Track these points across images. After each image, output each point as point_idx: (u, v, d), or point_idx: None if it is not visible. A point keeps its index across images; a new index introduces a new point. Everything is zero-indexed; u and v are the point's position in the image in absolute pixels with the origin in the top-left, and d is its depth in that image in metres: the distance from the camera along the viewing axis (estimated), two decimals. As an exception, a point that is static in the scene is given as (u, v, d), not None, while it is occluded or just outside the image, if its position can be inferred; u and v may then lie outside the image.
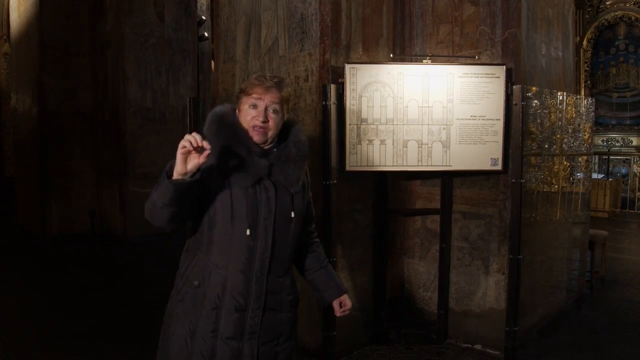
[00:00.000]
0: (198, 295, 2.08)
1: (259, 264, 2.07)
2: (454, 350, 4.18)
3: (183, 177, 1.86)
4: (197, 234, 2.14)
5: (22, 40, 8.87)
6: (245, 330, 2.08)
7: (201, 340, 2.06)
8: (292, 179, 2.13)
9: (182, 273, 2.19)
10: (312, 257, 2.42)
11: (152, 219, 1.99)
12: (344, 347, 3.97)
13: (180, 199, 1.90)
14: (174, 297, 2.19)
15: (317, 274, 2.41)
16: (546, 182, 4.39)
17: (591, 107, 5.15)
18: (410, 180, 4.46)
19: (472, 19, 4.15)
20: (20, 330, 4.57)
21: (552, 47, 4.58)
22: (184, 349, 2.09)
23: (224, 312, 2.06)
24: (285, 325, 2.19)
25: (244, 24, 4.33)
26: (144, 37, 8.21)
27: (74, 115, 8.51)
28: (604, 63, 12.70)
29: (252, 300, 2.08)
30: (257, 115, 2.05)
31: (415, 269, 4.52)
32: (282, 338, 2.19)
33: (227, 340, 2.06)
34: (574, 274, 5.10)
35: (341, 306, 2.41)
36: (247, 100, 2.08)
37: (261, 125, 2.05)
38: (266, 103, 2.06)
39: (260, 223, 2.06)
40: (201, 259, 2.11)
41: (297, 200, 2.17)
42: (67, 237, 8.12)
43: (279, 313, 2.16)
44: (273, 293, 2.13)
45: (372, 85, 3.81)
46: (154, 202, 1.94)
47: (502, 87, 3.86)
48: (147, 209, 2.00)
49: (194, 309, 2.09)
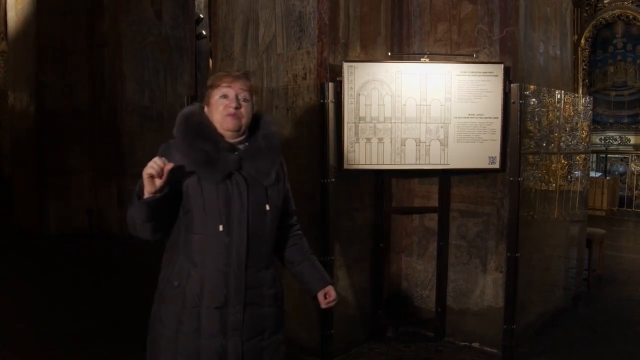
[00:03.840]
0: (178, 295, 2.09)
1: (235, 260, 2.07)
2: (451, 348, 4.18)
3: (153, 195, 1.90)
4: (175, 234, 2.15)
5: (19, 39, 8.84)
6: (228, 327, 2.08)
7: (185, 340, 2.07)
8: (264, 172, 2.13)
9: (162, 274, 2.20)
10: (295, 249, 2.40)
11: (136, 233, 2.05)
12: (341, 345, 3.97)
13: (155, 214, 1.96)
14: (157, 299, 2.20)
15: (301, 266, 2.40)
16: (544, 180, 4.39)
17: (589, 106, 5.15)
18: (408, 178, 4.45)
19: (470, 17, 4.15)
20: (19, 329, 4.56)
21: (550, 45, 4.59)
22: (170, 350, 2.09)
23: (205, 311, 2.06)
24: (269, 320, 2.19)
25: (241, 22, 4.32)
26: (141, 35, 8.20)
27: (71, 114, 8.48)
28: (602, 61, 12.70)
29: (232, 296, 2.08)
30: (229, 103, 2.07)
31: (413, 267, 4.53)
32: (267, 333, 2.18)
33: (210, 338, 2.06)
34: (571, 272, 5.10)
35: (326, 297, 2.39)
36: (217, 91, 2.09)
37: (234, 111, 2.06)
38: (236, 91, 2.08)
39: (234, 218, 2.06)
40: (179, 259, 2.12)
41: (272, 193, 2.17)
42: (65, 235, 8.10)
43: (261, 308, 2.15)
44: (253, 288, 2.12)
45: (370, 84, 3.81)
46: (133, 219, 2.00)
47: (500, 86, 3.86)
48: (129, 225, 2.04)
49: (176, 309, 2.09)
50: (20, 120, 8.92)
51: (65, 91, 8.41)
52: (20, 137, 9.04)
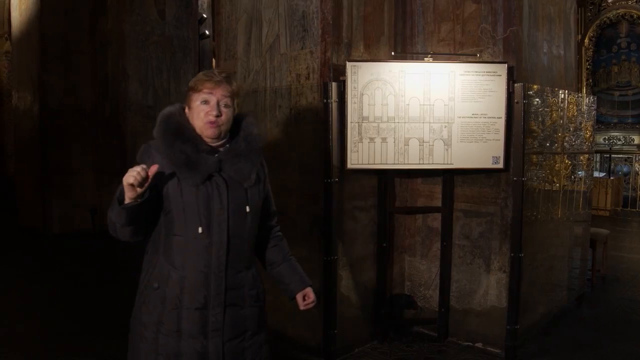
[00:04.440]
0: (158, 297, 2.09)
1: (215, 261, 2.07)
2: (455, 348, 4.18)
3: (135, 201, 1.90)
4: (155, 235, 2.15)
5: (23, 39, 8.86)
6: (208, 328, 2.08)
7: (166, 341, 2.07)
8: (244, 174, 2.12)
9: (142, 276, 2.20)
10: (275, 251, 2.40)
11: (116, 236, 2.06)
12: (344, 345, 3.97)
13: (136, 218, 1.96)
14: (137, 300, 2.19)
15: (281, 267, 2.39)
16: (547, 180, 4.38)
17: (593, 106, 5.14)
18: (411, 178, 4.45)
19: (473, 16, 4.14)
20: (23, 327, 4.57)
21: (554, 45, 4.57)
22: (151, 351, 2.09)
23: (185, 312, 2.06)
24: (250, 320, 2.18)
25: (245, 21, 4.32)
26: (145, 35, 8.20)
27: (74, 114, 8.49)
28: (606, 61, 12.67)
29: (212, 297, 2.07)
30: (210, 110, 2.05)
31: (416, 267, 4.52)
32: (249, 334, 2.18)
33: (191, 339, 2.06)
34: (575, 273, 5.09)
35: (305, 299, 2.37)
36: (198, 96, 2.07)
37: (215, 119, 2.04)
38: (217, 97, 2.06)
39: (213, 220, 2.06)
40: (159, 260, 2.12)
41: (252, 195, 2.16)
42: (68, 234, 8.11)
43: (241, 309, 2.15)
44: (234, 289, 2.12)
45: (374, 83, 3.81)
46: (113, 223, 2.01)
47: (503, 85, 3.86)
48: (109, 227, 2.05)
49: (156, 311, 2.09)
50: (24, 120, 8.95)
51: (68, 91, 8.42)
52: (23, 136, 9.08)
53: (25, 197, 9.15)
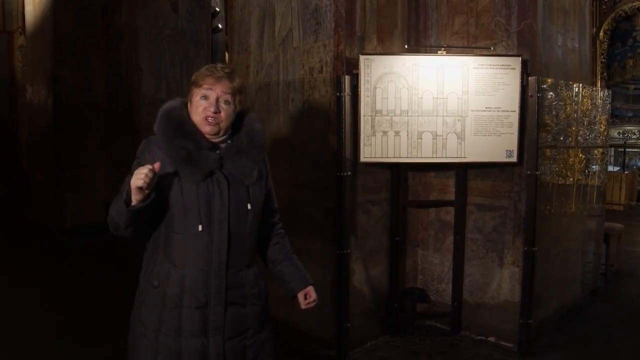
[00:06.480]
0: (158, 295, 2.07)
1: (216, 259, 2.04)
2: (467, 342, 4.17)
3: (142, 203, 1.88)
4: (155, 233, 2.13)
5: (36, 33, 8.91)
6: (209, 327, 2.06)
7: (166, 340, 2.05)
8: (246, 171, 2.10)
9: (142, 274, 2.19)
10: (277, 248, 2.37)
11: (117, 234, 2.02)
12: (357, 339, 3.98)
13: (139, 218, 1.94)
14: (137, 299, 2.19)
15: (282, 265, 2.36)
16: (561, 174, 4.36)
17: (607, 99, 5.10)
18: (424, 171, 4.44)
19: (487, 9, 4.12)
20: (38, 320, 4.61)
21: (568, 38, 4.54)
22: (151, 350, 2.08)
23: (185, 310, 2.05)
24: (251, 319, 2.16)
25: (257, 15, 4.32)
26: (157, 28, 8.19)
27: (88, 108, 8.52)
28: (621, 55, 12.55)
29: (213, 296, 2.05)
30: (208, 106, 2.03)
31: (429, 260, 4.52)
32: (250, 332, 2.16)
33: (191, 338, 2.05)
34: (588, 267, 5.06)
35: (306, 298, 2.36)
36: (198, 91, 2.05)
37: (213, 116, 2.03)
38: (217, 94, 2.04)
39: (214, 217, 2.03)
40: (159, 258, 2.10)
41: (254, 192, 2.14)
42: (81, 229, 8.12)
43: (243, 308, 2.13)
44: (234, 287, 2.10)
45: (387, 77, 3.80)
46: (116, 222, 1.98)
47: (517, 79, 3.84)
48: (109, 225, 2.03)
49: (156, 310, 2.08)
50: (38, 114, 8.99)
51: (82, 85, 8.44)
52: (37, 131, 9.12)
53: (38, 192, 9.20)
